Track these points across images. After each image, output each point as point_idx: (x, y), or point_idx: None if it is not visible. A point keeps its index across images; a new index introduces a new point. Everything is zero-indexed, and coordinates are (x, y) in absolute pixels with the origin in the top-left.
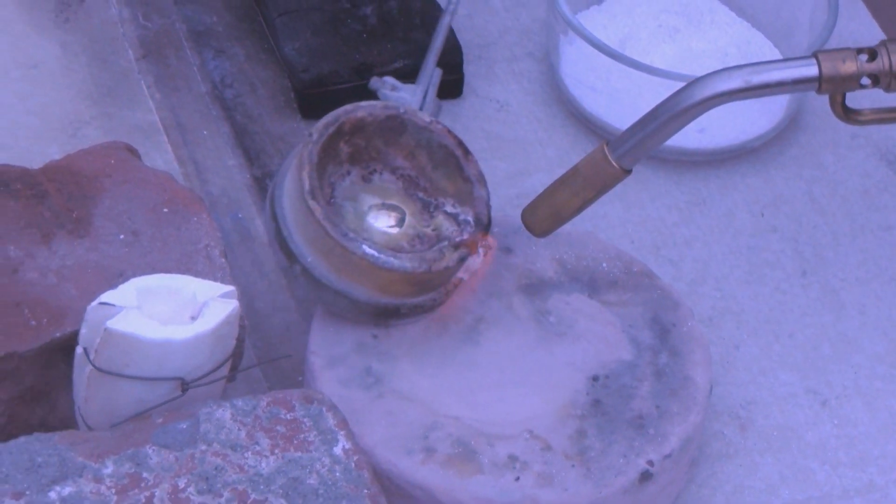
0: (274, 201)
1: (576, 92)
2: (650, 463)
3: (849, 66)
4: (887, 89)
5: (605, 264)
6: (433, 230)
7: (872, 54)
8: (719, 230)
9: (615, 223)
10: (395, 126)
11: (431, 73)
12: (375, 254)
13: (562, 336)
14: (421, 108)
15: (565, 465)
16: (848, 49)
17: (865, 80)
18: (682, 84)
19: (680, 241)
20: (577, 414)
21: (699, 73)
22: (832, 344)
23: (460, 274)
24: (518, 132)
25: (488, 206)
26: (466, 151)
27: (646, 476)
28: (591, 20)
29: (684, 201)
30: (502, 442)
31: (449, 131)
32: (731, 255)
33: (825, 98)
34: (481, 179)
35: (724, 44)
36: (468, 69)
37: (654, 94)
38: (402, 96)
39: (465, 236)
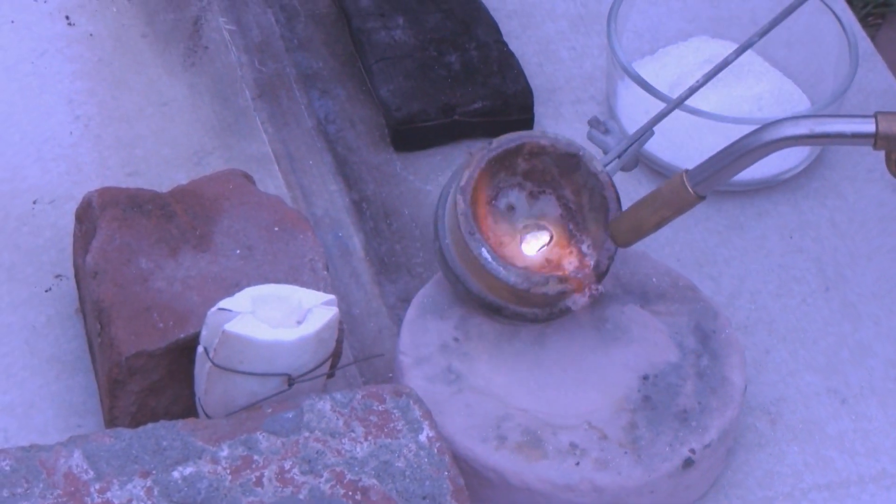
0: (447, 187)
1: (631, 130)
2: (692, 451)
3: None
4: None
5: (654, 279)
6: (559, 259)
7: None
8: (753, 250)
9: (664, 244)
10: (571, 162)
11: (644, 132)
12: (489, 259)
13: (617, 340)
14: (619, 156)
15: (619, 452)
16: None
17: None
18: (721, 123)
19: (720, 259)
20: (630, 408)
21: (738, 115)
22: (850, 350)
23: (569, 303)
24: None
25: (611, 259)
26: (619, 207)
27: (688, 463)
28: (644, 68)
29: (724, 225)
30: (565, 431)
31: (612, 184)
32: (764, 273)
33: None
34: None
35: (760, 90)
36: (538, 110)
37: (698, 132)
38: (606, 141)
39: (577, 275)
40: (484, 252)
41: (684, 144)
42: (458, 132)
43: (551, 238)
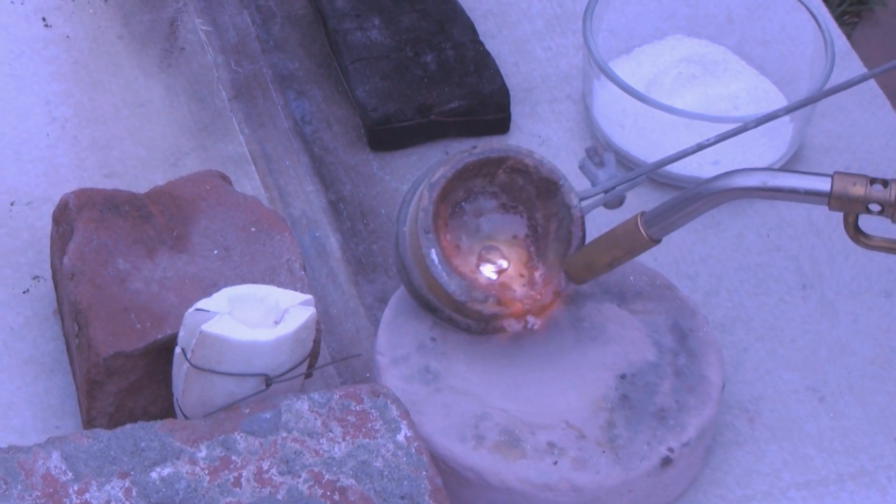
0: (423, 175)
1: (607, 129)
2: (670, 450)
3: (857, 190)
4: (892, 220)
5: (632, 278)
6: (510, 278)
7: (884, 184)
8: (731, 249)
9: None
10: (550, 188)
11: (637, 175)
12: (435, 261)
13: (594, 340)
14: (605, 192)
15: (597, 451)
16: (863, 175)
17: (875, 207)
18: (698, 122)
19: (697, 258)
20: (608, 407)
21: (714, 114)
22: (828, 348)
23: (505, 324)
24: (557, 164)
25: (557, 295)
26: (582, 244)
27: (667, 461)
28: (621, 67)
29: (700, 224)
30: (543, 431)
31: (582, 223)
32: (741, 271)
33: (825, 135)
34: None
35: (736, 89)
36: (515, 109)
37: (675, 131)
38: (596, 173)
39: (516, 303)
40: (433, 253)
41: (659, 142)
42: (435, 132)
43: (506, 268)
